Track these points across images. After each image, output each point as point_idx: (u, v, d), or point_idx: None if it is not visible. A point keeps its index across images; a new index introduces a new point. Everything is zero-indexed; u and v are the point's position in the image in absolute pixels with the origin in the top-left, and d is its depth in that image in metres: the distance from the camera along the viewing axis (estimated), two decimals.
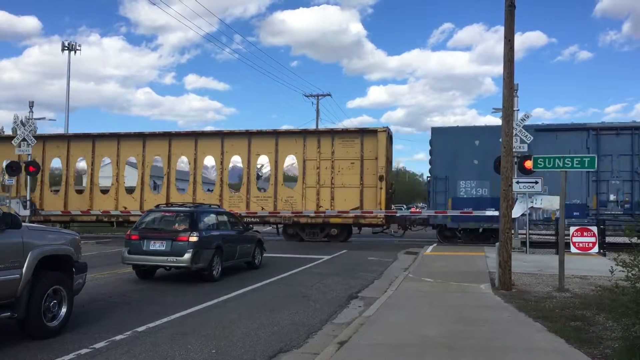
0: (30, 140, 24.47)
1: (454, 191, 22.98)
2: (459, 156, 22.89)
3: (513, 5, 11.00)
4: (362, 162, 24.21)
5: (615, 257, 6.81)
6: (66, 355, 6.48)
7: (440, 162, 23.31)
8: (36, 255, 7.00)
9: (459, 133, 23.58)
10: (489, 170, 20.90)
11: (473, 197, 22.78)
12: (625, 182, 21.45)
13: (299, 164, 25.30)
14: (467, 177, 22.86)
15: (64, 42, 43.13)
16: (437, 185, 23.18)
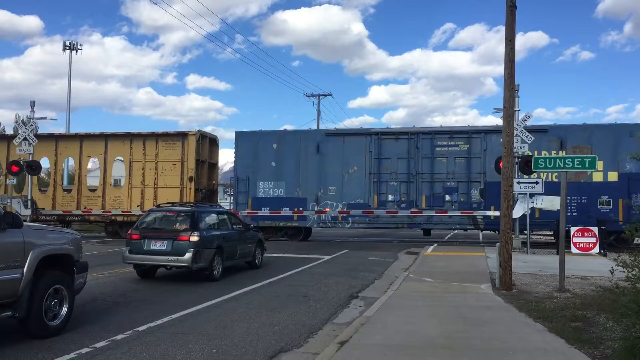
0: (31, 140, 24.51)
1: (254, 191, 24.67)
2: (259, 158, 24.78)
3: (514, 5, 11.00)
4: (182, 164, 25.53)
5: (616, 258, 6.82)
6: (67, 355, 6.49)
7: (242, 164, 25.03)
8: (37, 255, 7.01)
9: (260, 137, 25.22)
10: (286, 172, 24.24)
11: (270, 197, 24.61)
12: (402, 183, 23.57)
13: (126, 166, 26.60)
14: (265, 178, 24.68)
15: (65, 42, 43.20)
16: (240, 186, 24.88)
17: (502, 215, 11.17)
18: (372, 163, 23.72)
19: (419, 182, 23.34)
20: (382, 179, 23.73)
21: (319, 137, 24.66)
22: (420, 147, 23.39)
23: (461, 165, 23.13)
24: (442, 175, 23.25)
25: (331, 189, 24.09)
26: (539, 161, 11.56)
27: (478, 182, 22.94)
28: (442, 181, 23.25)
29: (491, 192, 21.99)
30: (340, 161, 24.10)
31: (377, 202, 23.43)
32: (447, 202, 23.14)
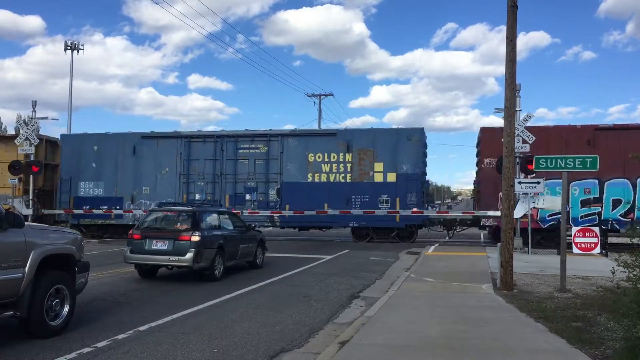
0: (33, 140, 24.53)
1: (75, 191, 25.94)
2: (81, 160, 26.11)
3: (515, 5, 10.99)
4: None
5: (617, 258, 6.82)
6: (68, 354, 6.50)
7: (66, 165, 26.20)
8: (38, 255, 7.02)
9: (83, 139, 26.62)
10: (105, 173, 25.81)
11: (90, 196, 25.97)
12: (208, 184, 25.08)
13: None
14: (86, 178, 26.07)
15: (66, 42, 43.05)
16: (63, 186, 26.03)
17: (503, 215, 11.17)
18: (182, 164, 25.28)
19: (223, 183, 24.89)
20: (190, 179, 25.25)
21: (135, 139, 25.92)
22: (225, 150, 24.98)
23: (261, 167, 24.71)
24: (243, 175, 24.81)
25: (145, 188, 25.56)
26: (540, 161, 11.56)
27: (275, 182, 24.51)
28: (244, 181, 24.80)
29: (287, 192, 24.19)
30: (154, 163, 25.55)
31: (187, 201, 24.14)
32: (247, 202, 24.69)
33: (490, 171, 21.81)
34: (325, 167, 24.13)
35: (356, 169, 23.79)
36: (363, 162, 23.80)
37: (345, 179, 23.87)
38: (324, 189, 23.93)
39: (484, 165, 22.63)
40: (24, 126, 25.30)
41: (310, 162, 24.22)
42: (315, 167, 24.21)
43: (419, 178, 23.25)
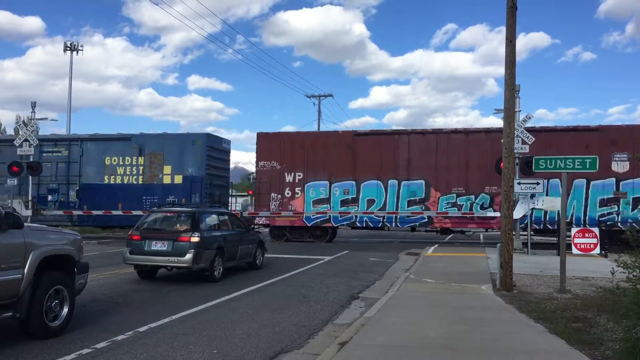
0: (32, 141, 24.50)
1: None
2: None
3: (515, 6, 11.00)
4: None
5: (616, 259, 6.82)
6: (68, 355, 6.49)
7: None
8: (38, 256, 7.02)
9: None
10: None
11: None
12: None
13: None
14: None
15: (66, 43, 43.13)
16: None
17: (502, 216, 11.17)
18: None
19: (27, 184, 24.90)
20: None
21: None
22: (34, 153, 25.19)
23: (62, 169, 25.91)
24: (46, 178, 25.60)
25: None
26: (539, 162, 11.56)
27: (75, 184, 25.77)
28: (47, 183, 25.77)
29: (85, 193, 25.49)
30: None
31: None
32: (49, 202, 25.62)
33: (265, 173, 24.73)
34: (120, 169, 25.52)
35: (147, 171, 25.27)
36: (154, 165, 25.28)
37: (138, 180, 25.27)
38: (119, 190, 25.27)
39: (259, 168, 25.01)
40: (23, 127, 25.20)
41: (107, 165, 25.56)
42: (111, 169, 25.55)
43: (202, 180, 24.51)
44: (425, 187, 23.43)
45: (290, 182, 24.66)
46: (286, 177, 24.69)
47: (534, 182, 18.33)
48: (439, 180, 23.26)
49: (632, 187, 21.38)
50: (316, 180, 24.41)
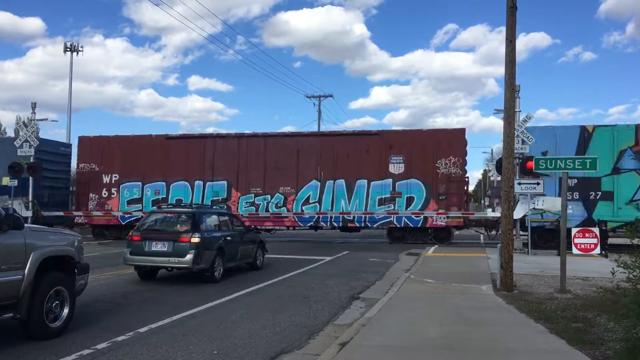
0: (32, 142, 24.52)
1: None
2: None
3: (514, 6, 11.00)
4: None
5: (617, 259, 6.81)
6: (68, 356, 6.49)
7: None
8: (38, 256, 7.01)
9: None
10: None
11: None
12: None
13: None
14: None
15: (66, 43, 43.09)
16: None
17: (503, 216, 11.17)
18: None
19: None
20: None
21: None
22: None
23: None
24: None
25: None
26: (539, 162, 11.56)
27: None
28: None
29: None
30: None
31: None
32: None
33: (85, 174, 26.37)
34: None
35: None
36: None
37: None
38: None
39: (79, 170, 26.80)
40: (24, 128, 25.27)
41: None
42: None
43: None
44: (227, 188, 25.27)
45: (108, 183, 26.34)
46: (104, 179, 26.34)
47: (535, 182, 18.36)
48: (240, 181, 25.14)
49: (407, 188, 23.62)
50: (130, 181, 26.05)
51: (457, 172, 23.30)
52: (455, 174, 23.31)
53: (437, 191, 23.32)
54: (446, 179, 23.28)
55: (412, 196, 23.56)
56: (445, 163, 23.36)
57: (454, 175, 23.31)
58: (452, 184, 23.33)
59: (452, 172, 23.29)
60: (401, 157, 23.81)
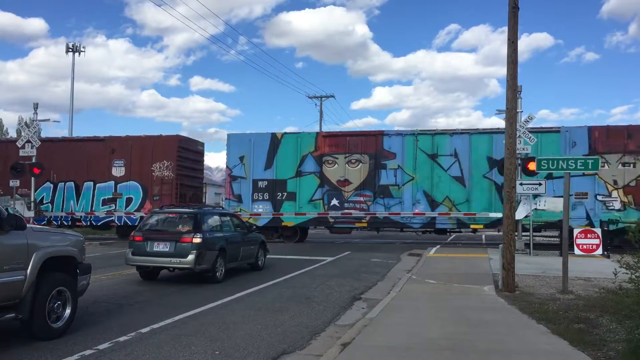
0: (34, 142, 24.54)
1: None
2: None
3: (516, 7, 10.99)
4: None
5: (619, 260, 6.81)
6: (70, 357, 6.50)
7: None
8: (40, 257, 7.02)
9: None
10: None
11: None
12: None
13: None
14: None
15: (68, 44, 43.22)
16: None
17: (504, 217, 11.16)
18: None
19: None
20: None
21: None
22: None
23: None
24: None
25: None
26: (541, 162, 11.55)
27: None
28: None
29: None
30: None
31: None
32: None
33: None
34: None
35: None
36: None
37: None
38: None
39: None
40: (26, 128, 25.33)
41: None
42: None
43: None
44: None
45: None
46: None
47: (536, 182, 18.35)
48: None
49: (127, 189, 26.17)
50: None
51: (170, 175, 25.79)
52: (168, 177, 25.80)
53: (152, 192, 25.85)
54: (160, 181, 25.85)
55: (131, 197, 26.18)
56: (160, 167, 25.94)
57: (166, 178, 25.80)
58: (165, 186, 25.80)
59: (165, 175, 25.82)
60: (122, 161, 26.49)
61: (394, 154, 23.88)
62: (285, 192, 24.40)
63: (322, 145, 24.51)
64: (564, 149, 21.98)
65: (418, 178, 23.55)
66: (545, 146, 21.84)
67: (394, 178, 23.83)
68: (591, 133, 22.10)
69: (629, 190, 21.62)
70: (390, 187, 23.84)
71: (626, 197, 21.62)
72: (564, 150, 21.88)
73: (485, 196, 22.89)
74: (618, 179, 21.72)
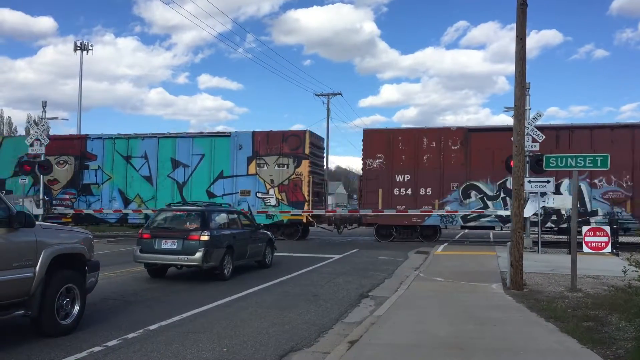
0: (43, 140, 24.70)
1: None
2: None
3: (525, 3, 10.92)
4: None
5: (628, 257, 6.77)
6: (79, 353, 6.53)
7: None
8: (49, 254, 7.06)
9: None
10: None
11: None
12: None
13: None
14: None
15: (76, 42, 43.41)
16: None
17: (513, 215, 11.11)
18: None
19: None
20: None
21: None
22: None
23: None
24: None
25: None
26: (550, 160, 11.49)
27: None
28: None
29: None
30: None
31: None
32: None
33: None
34: None
35: None
36: None
37: None
38: None
39: None
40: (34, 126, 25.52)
41: None
42: None
43: None
44: None
45: None
46: None
47: (545, 180, 18.26)
48: None
49: None
50: None
51: None
52: None
53: None
54: None
55: None
56: None
57: None
58: None
59: None
60: None
61: (95, 156, 26.92)
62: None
63: None
64: (232, 151, 25.23)
65: (115, 178, 26.54)
66: (218, 149, 25.41)
67: (95, 177, 26.88)
68: (254, 137, 25.29)
69: (282, 188, 24.78)
70: (92, 186, 26.84)
71: (280, 195, 24.74)
72: (232, 153, 25.20)
73: (169, 193, 25.65)
74: (275, 178, 24.83)
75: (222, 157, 25.43)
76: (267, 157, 24.97)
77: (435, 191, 23.42)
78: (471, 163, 23.13)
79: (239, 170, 25.25)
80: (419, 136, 23.95)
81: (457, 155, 23.31)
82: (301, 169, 24.69)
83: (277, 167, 24.87)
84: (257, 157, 25.14)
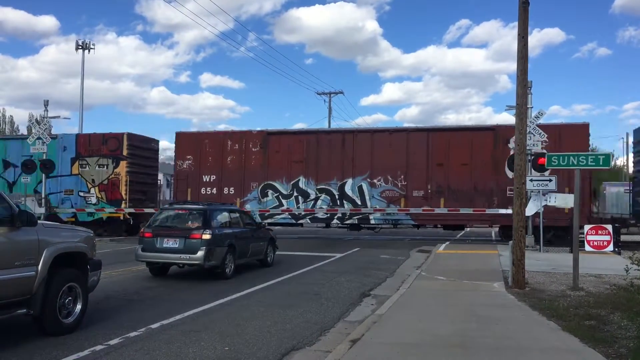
0: (45, 139, 24.71)
1: None
2: None
3: (527, 1, 10.91)
4: None
5: (630, 256, 6.76)
6: (81, 352, 6.54)
7: None
8: (51, 253, 7.07)
9: None
10: None
11: None
12: None
13: None
14: None
15: (77, 41, 43.45)
16: None
17: (515, 213, 11.10)
18: None
19: None
20: None
21: None
22: None
23: None
24: None
25: None
26: (552, 159, 11.47)
27: None
28: None
29: None
30: None
31: None
32: None
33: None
34: None
35: None
36: None
37: None
38: None
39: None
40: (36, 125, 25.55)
41: None
42: None
43: None
44: None
45: None
46: None
47: (547, 179, 18.23)
48: None
49: None
50: None
51: None
52: None
53: None
54: None
55: None
56: None
57: None
58: None
59: None
60: None
61: None
62: None
63: None
64: (58, 152, 26.02)
65: None
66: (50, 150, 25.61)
67: None
68: (78, 139, 26.50)
69: (102, 187, 25.79)
70: None
71: (100, 194, 25.78)
72: (58, 154, 25.97)
73: None
74: (96, 178, 25.88)
75: (49, 158, 25.93)
76: (89, 158, 26.08)
77: (237, 190, 24.56)
78: (269, 164, 24.34)
79: (64, 170, 26.22)
80: (224, 139, 25.18)
81: (257, 156, 24.62)
82: (119, 170, 25.74)
83: (98, 167, 26.02)
84: (80, 158, 26.21)
